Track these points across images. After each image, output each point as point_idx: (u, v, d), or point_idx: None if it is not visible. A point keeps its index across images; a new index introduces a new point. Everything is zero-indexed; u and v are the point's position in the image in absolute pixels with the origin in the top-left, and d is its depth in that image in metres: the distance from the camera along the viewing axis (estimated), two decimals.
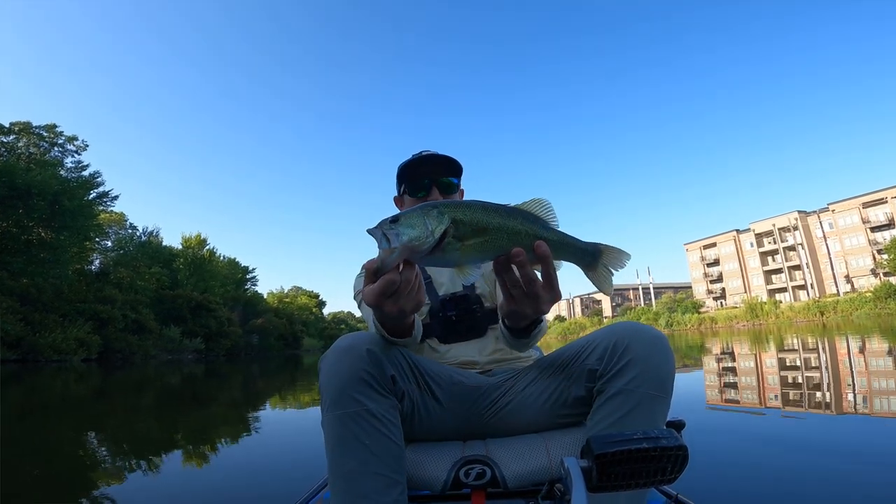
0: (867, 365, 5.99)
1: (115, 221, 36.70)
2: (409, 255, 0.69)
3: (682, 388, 4.89)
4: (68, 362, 22.09)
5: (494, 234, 0.72)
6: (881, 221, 50.89)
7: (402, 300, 0.74)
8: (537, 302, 0.78)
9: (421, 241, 0.68)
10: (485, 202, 0.74)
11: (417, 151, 1.43)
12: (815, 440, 2.55)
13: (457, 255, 0.71)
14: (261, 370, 15.19)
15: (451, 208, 0.71)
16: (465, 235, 0.71)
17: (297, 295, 71.29)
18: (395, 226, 0.69)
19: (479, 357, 1.22)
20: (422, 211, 0.70)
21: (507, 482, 0.90)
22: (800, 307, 49.16)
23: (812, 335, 15.03)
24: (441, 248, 0.69)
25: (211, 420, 4.97)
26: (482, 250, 0.72)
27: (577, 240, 0.79)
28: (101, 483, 2.46)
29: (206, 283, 42.62)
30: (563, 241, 0.78)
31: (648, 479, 0.62)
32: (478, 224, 0.72)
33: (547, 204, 0.78)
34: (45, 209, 24.69)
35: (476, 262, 0.74)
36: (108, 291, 29.23)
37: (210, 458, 3.03)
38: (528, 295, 0.77)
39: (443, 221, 0.69)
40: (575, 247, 0.79)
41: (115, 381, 11.33)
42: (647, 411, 0.84)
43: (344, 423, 0.84)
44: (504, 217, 0.73)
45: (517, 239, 0.73)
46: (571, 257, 0.80)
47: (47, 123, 27.96)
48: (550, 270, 0.76)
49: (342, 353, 0.88)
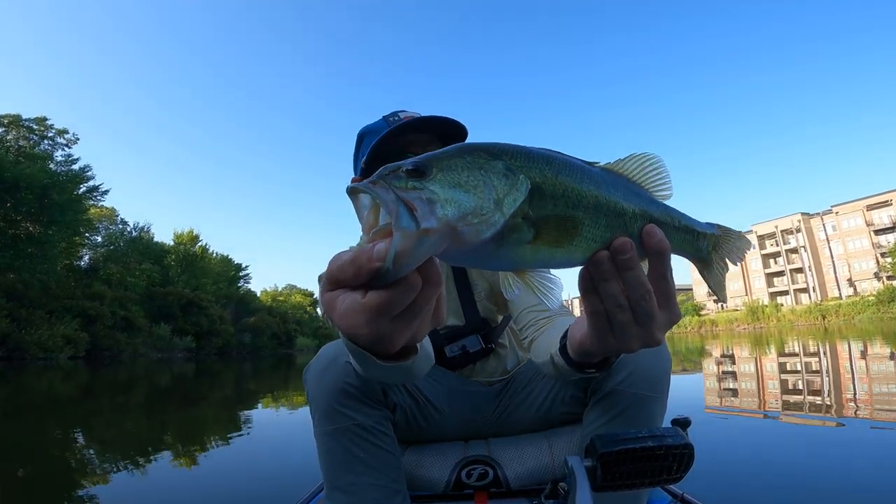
0: (868, 370, 6.02)
1: (106, 216, 36.51)
2: (452, 247, 0.35)
3: (682, 391, 4.91)
4: (54, 360, 21.96)
5: (590, 215, 0.42)
6: (885, 224, 51.21)
7: (416, 322, 0.38)
8: (647, 327, 0.47)
9: (480, 221, 0.36)
10: (565, 156, 0.44)
11: (390, 112, 1.00)
12: (818, 444, 2.57)
13: (525, 251, 0.40)
14: (253, 369, 15.14)
15: (525, 160, 0.40)
16: (545, 217, 0.40)
17: (292, 293, 71.08)
18: (426, 182, 0.35)
19: (483, 378, 1.11)
20: (473, 158, 0.38)
21: (510, 482, 0.91)
22: (801, 310, 49.47)
23: (813, 339, 15.10)
24: (499, 234, 0.37)
25: (200, 421, 4.95)
26: (567, 244, 0.41)
27: (697, 221, 0.53)
28: (87, 485, 2.45)
29: (198, 281, 42.45)
30: (683, 223, 0.50)
31: (654, 478, 0.62)
32: (569, 197, 0.41)
33: (655, 162, 0.48)
34: (34, 203, 24.54)
35: (548, 264, 0.42)
36: (96, 288, 29.09)
37: (199, 460, 3.02)
38: (635, 318, 0.46)
39: (518, 185, 0.38)
40: (696, 232, 0.52)
41: (103, 380, 11.27)
42: (640, 412, 0.84)
43: (335, 438, 0.84)
44: (601, 186, 0.44)
45: (619, 224, 0.44)
46: (687, 248, 0.52)
47: (37, 116, 27.84)
48: (667, 273, 0.47)
49: (326, 365, 0.86)
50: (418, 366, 0.64)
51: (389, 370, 0.51)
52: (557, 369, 0.75)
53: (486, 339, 1.08)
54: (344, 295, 0.34)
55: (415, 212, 0.33)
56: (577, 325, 0.61)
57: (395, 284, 0.33)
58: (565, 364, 0.70)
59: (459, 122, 0.97)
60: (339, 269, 0.33)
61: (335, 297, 0.34)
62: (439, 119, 0.97)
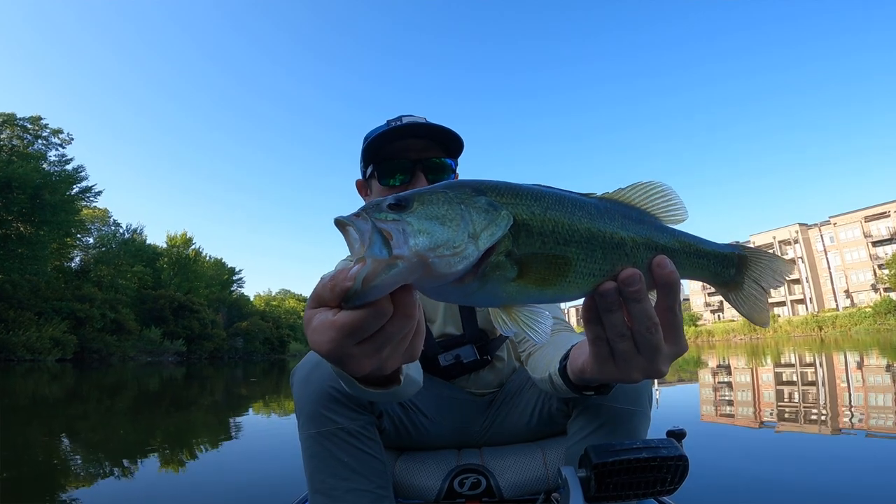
0: (864, 381, 6.05)
1: (98, 217, 36.37)
2: (424, 278, 0.36)
3: (678, 402, 4.92)
4: (42, 362, 21.75)
5: (584, 250, 0.42)
6: (883, 236, 51.66)
7: (386, 351, 0.39)
8: (652, 358, 0.46)
9: (453, 253, 0.36)
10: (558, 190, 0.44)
11: (395, 116, 1.04)
12: (813, 456, 2.57)
13: (509, 288, 0.39)
14: (244, 374, 15.04)
15: (510, 196, 0.40)
16: (531, 255, 0.39)
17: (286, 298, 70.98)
18: (404, 214, 0.37)
19: (476, 389, 1.11)
20: (455, 193, 0.39)
21: (503, 491, 0.90)
22: (798, 321, 49.71)
23: (809, 350, 15.17)
24: (481, 271, 0.38)
25: (189, 426, 4.91)
26: (559, 282, 0.41)
27: (712, 244, 0.50)
28: (71, 489, 2.43)
29: (191, 284, 42.32)
30: (698, 248, 0.49)
31: (647, 489, 0.63)
32: (558, 233, 0.41)
33: (661, 188, 0.47)
34: (26, 203, 24.43)
35: (539, 300, 0.42)
36: (87, 289, 28.92)
37: (187, 466, 2.99)
38: (639, 349, 0.46)
39: (498, 221, 0.39)
40: (712, 255, 0.49)
41: (90, 383, 11.16)
42: (620, 425, 0.83)
43: (319, 441, 0.84)
44: (596, 219, 0.43)
45: (619, 255, 0.43)
46: (704, 272, 0.50)
47: (32, 115, 27.80)
48: (675, 306, 0.46)
49: (312, 369, 0.87)
50: (402, 391, 0.62)
51: (369, 394, 0.53)
52: (556, 389, 0.75)
53: (481, 350, 1.07)
54: (322, 313, 0.36)
55: (390, 240, 0.35)
56: (579, 351, 0.61)
57: (365, 307, 0.34)
58: (563, 385, 0.70)
59: (456, 133, 1.01)
60: (322, 287, 0.35)
61: (314, 313, 0.37)
62: (438, 127, 0.99)
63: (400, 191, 0.95)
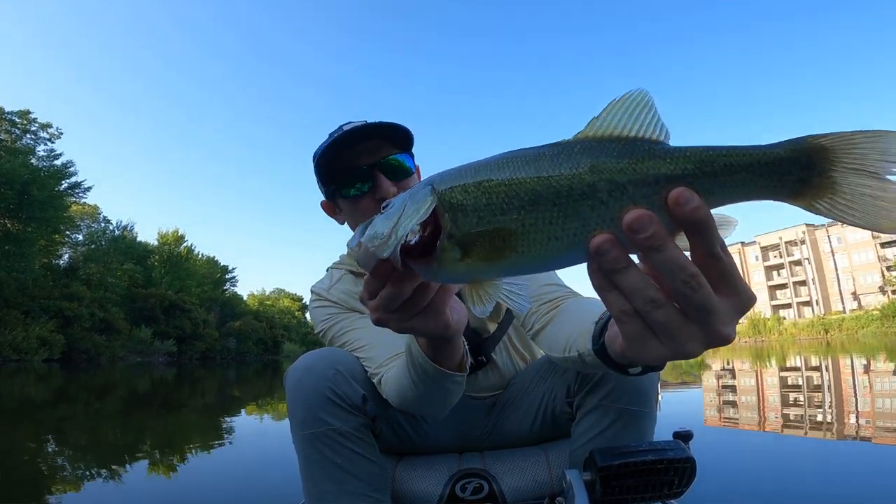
0: (871, 386, 6.07)
1: (88, 214, 36.27)
2: (364, 263, 0.44)
3: (681, 405, 4.93)
4: (28, 362, 21.69)
5: (530, 214, 0.36)
6: (891, 237, 51.77)
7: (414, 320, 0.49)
8: (706, 321, 0.34)
9: (381, 242, 0.41)
10: (512, 153, 0.39)
11: (336, 127, 1.00)
12: (819, 461, 2.59)
13: (458, 268, 0.39)
14: (237, 376, 15.02)
15: (450, 179, 0.40)
16: (467, 234, 0.38)
17: (280, 298, 70.80)
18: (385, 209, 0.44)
19: (475, 392, 1.09)
20: (410, 190, 0.43)
21: (506, 496, 0.90)
22: (804, 324, 49.86)
23: (815, 354, 15.22)
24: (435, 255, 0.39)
25: (180, 429, 4.90)
26: (511, 253, 0.37)
27: (751, 149, 0.35)
28: (58, 493, 2.42)
29: (182, 282, 42.21)
30: (723, 162, 0.35)
31: (654, 492, 0.63)
32: (492, 204, 0.37)
33: (641, 98, 0.37)
34: (13, 199, 24.36)
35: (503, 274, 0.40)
36: (75, 288, 28.83)
37: (178, 470, 2.98)
38: (686, 314, 0.34)
39: (421, 207, 0.40)
40: (755, 165, 0.35)
41: (78, 384, 11.14)
42: (627, 427, 0.82)
43: (313, 443, 0.84)
44: (548, 172, 0.36)
45: (594, 204, 0.35)
46: (752, 189, 0.35)
47: (20, 109, 27.68)
48: (716, 249, 0.34)
49: (306, 370, 0.87)
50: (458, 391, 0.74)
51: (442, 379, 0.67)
52: (588, 367, 0.66)
53: (475, 351, 1.03)
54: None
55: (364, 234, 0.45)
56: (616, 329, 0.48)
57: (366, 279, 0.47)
58: (603, 365, 0.60)
59: (402, 125, 0.98)
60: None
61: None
62: (381, 125, 0.96)
63: (364, 199, 0.94)
